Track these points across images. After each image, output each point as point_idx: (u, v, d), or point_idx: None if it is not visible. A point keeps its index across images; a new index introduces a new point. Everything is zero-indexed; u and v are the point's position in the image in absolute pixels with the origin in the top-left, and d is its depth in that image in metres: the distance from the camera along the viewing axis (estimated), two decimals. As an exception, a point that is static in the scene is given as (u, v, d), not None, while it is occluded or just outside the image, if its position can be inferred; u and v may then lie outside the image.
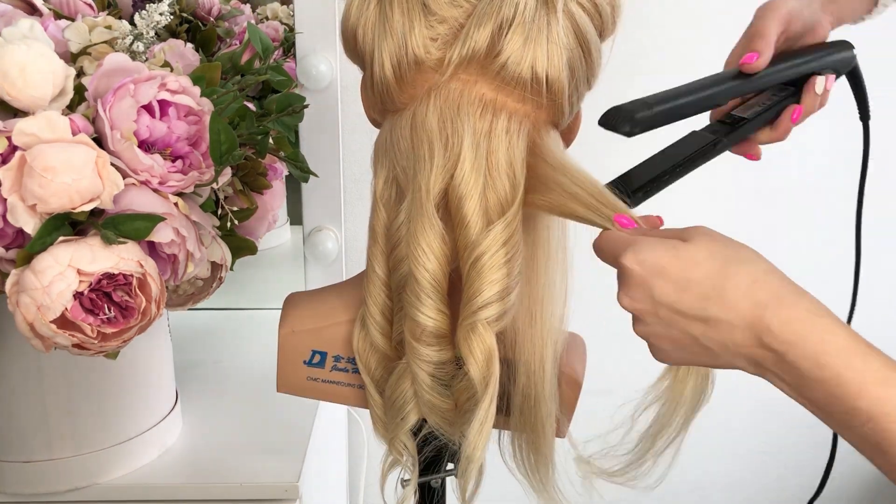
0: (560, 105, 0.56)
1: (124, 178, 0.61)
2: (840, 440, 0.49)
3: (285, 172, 0.85)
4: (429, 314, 0.56)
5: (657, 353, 0.50)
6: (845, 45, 0.70)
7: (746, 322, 0.44)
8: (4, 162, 0.58)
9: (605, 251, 0.52)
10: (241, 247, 0.76)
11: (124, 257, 0.59)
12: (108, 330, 0.60)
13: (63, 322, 0.58)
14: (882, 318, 1.35)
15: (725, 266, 0.46)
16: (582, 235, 0.58)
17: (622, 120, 0.57)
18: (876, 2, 0.70)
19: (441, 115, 0.55)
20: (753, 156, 0.70)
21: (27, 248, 0.57)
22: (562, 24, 0.54)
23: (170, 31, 1.04)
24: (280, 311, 0.69)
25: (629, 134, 0.57)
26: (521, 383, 0.61)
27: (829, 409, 0.42)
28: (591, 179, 0.55)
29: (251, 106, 0.84)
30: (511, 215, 0.54)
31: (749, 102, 0.68)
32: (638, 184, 0.59)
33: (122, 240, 0.59)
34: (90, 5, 0.76)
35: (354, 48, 0.59)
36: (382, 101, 0.58)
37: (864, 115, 0.76)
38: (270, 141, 0.77)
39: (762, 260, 0.47)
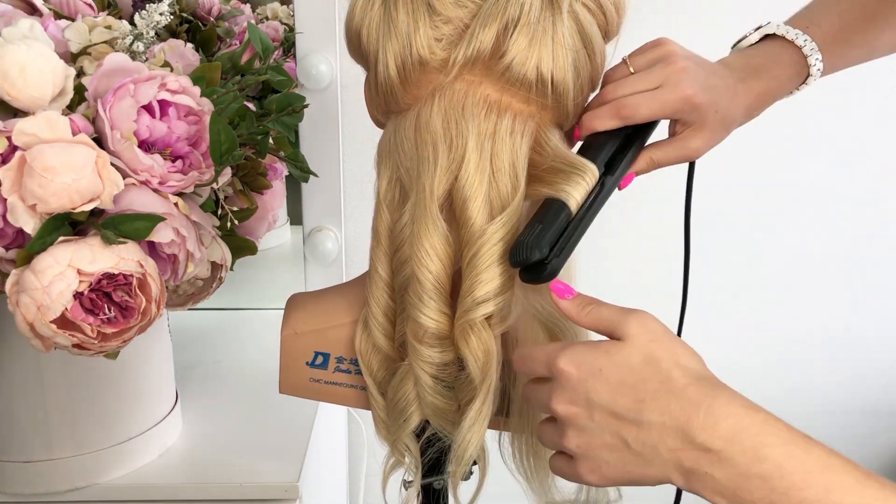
0: (565, 106, 0.56)
1: (124, 178, 0.61)
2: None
3: (285, 172, 0.85)
4: (431, 315, 0.56)
5: (587, 464, 0.49)
6: None
7: (679, 423, 0.44)
8: (4, 162, 0.58)
9: (536, 359, 0.52)
10: (241, 247, 0.76)
11: (124, 257, 0.59)
12: (108, 330, 0.60)
13: (63, 322, 0.58)
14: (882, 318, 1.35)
15: (659, 371, 0.46)
16: (583, 236, 0.58)
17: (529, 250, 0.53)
18: (806, 78, 0.65)
19: (445, 116, 0.55)
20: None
21: (27, 248, 0.57)
22: (567, 25, 0.54)
23: (170, 31, 1.04)
24: (280, 311, 0.69)
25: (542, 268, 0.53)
26: (521, 385, 0.61)
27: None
28: (571, 157, 0.55)
29: (251, 106, 0.83)
30: (508, 213, 0.54)
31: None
32: (547, 250, 0.54)
33: (122, 240, 0.59)
34: (90, 5, 0.76)
35: (358, 48, 0.59)
36: (386, 102, 0.58)
37: None
38: (270, 141, 0.77)
39: (696, 362, 0.47)
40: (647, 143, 0.60)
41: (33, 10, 0.70)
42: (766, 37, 0.64)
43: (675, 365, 0.46)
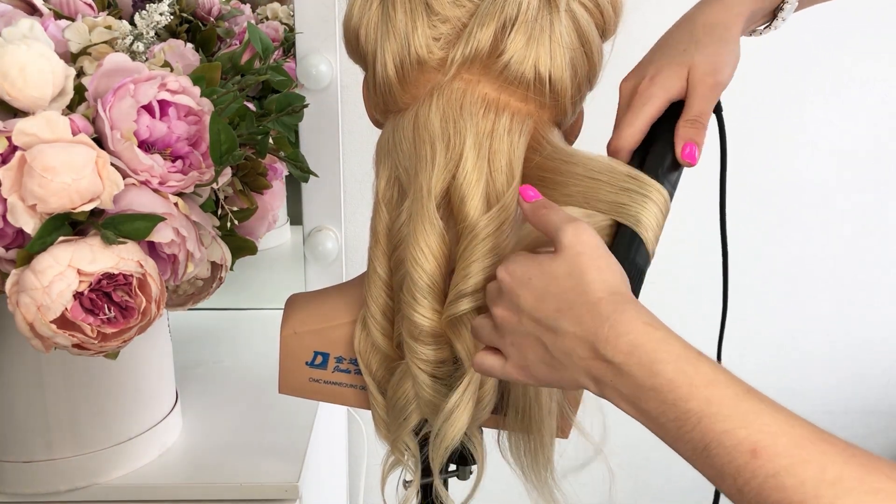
0: (563, 104, 0.56)
1: (124, 178, 0.61)
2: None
3: (285, 172, 0.85)
4: (424, 314, 0.56)
5: (513, 362, 0.51)
6: None
7: (588, 334, 0.46)
8: (4, 162, 0.58)
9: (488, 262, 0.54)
10: (241, 247, 0.76)
11: (124, 257, 0.59)
12: (108, 330, 0.60)
13: (63, 322, 0.58)
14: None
15: (579, 283, 0.47)
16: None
17: None
18: (774, 15, 0.64)
19: (443, 115, 0.55)
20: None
21: (27, 248, 0.57)
22: (564, 24, 0.54)
23: (170, 31, 1.04)
24: (280, 311, 0.69)
25: None
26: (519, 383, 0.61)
27: (662, 418, 0.43)
28: (605, 161, 0.55)
29: (251, 106, 0.83)
30: (499, 207, 0.55)
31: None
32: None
33: (122, 240, 0.59)
34: (90, 5, 0.76)
35: (357, 48, 0.59)
36: (385, 102, 0.58)
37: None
38: (270, 141, 0.77)
39: (616, 277, 0.48)
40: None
41: (33, 10, 0.70)
42: None
43: (596, 279, 0.47)
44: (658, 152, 0.57)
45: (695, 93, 0.57)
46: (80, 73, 0.65)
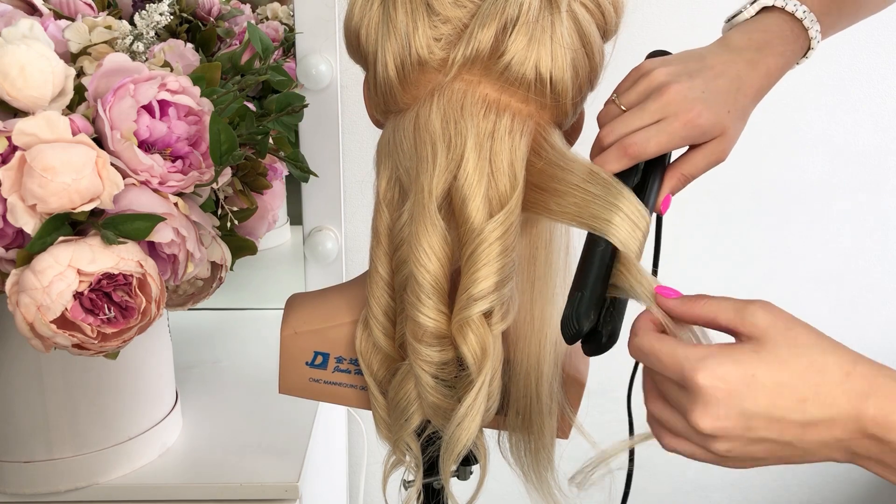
0: (564, 105, 0.56)
1: (124, 178, 0.61)
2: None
3: (285, 172, 0.85)
4: (429, 315, 0.56)
5: (738, 462, 0.47)
6: None
7: (849, 416, 0.43)
8: (4, 162, 0.58)
9: (665, 364, 0.47)
10: (241, 247, 0.76)
11: (124, 257, 0.59)
12: (108, 330, 0.60)
13: (63, 322, 0.58)
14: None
15: (813, 361, 0.44)
16: (582, 232, 0.58)
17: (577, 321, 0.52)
18: (807, 51, 0.63)
19: (444, 116, 0.55)
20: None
21: (27, 248, 0.57)
22: (566, 25, 0.54)
23: (170, 31, 1.04)
24: (280, 311, 0.69)
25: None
26: (520, 383, 0.61)
27: None
28: (602, 176, 0.54)
29: (251, 106, 0.83)
30: (507, 211, 0.54)
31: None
32: (595, 316, 0.53)
33: (122, 240, 0.59)
34: (90, 5, 0.76)
35: (357, 48, 0.59)
36: (385, 102, 0.58)
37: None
38: (270, 141, 0.77)
39: (840, 345, 0.45)
40: (670, 161, 0.59)
41: (33, 10, 0.70)
42: (764, 10, 0.62)
43: (824, 350, 0.44)
44: (648, 187, 0.57)
45: (705, 159, 0.57)
46: (80, 73, 0.65)
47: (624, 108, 0.57)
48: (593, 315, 0.51)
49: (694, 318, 0.48)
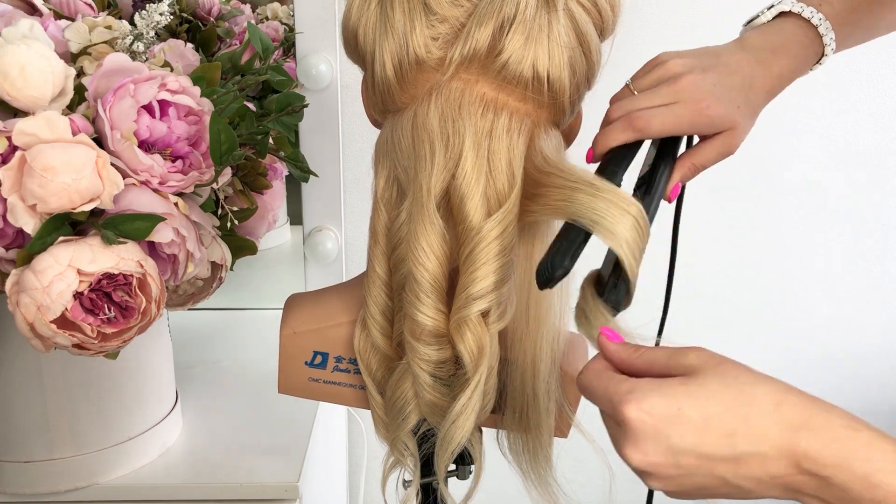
0: (561, 104, 0.56)
1: (124, 178, 0.61)
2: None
3: (285, 172, 0.85)
4: (427, 313, 0.56)
5: (682, 497, 0.46)
6: None
7: (781, 451, 0.41)
8: (4, 162, 0.58)
9: (597, 396, 0.47)
10: (241, 247, 0.76)
11: (124, 257, 0.59)
12: (108, 330, 0.60)
13: (63, 322, 0.58)
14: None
15: (741, 393, 0.42)
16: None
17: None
18: (820, 57, 0.64)
19: (442, 115, 0.55)
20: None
21: (27, 248, 0.57)
22: (563, 24, 0.54)
23: (170, 31, 1.04)
24: (280, 311, 0.69)
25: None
26: (517, 382, 0.61)
27: None
28: (585, 175, 0.53)
29: (251, 106, 0.84)
30: (505, 210, 0.54)
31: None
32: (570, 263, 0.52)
33: (122, 240, 0.59)
34: (90, 5, 0.76)
35: (355, 48, 0.59)
36: (383, 101, 0.58)
37: None
38: (270, 141, 0.77)
39: (772, 378, 0.44)
40: (681, 152, 0.59)
41: (33, 10, 0.70)
42: (781, 14, 0.63)
43: (753, 381, 0.43)
44: (657, 175, 0.57)
45: (715, 150, 0.58)
46: (80, 73, 0.65)
47: (636, 92, 0.58)
48: (568, 261, 0.50)
49: (632, 369, 0.47)
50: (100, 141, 0.61)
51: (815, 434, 0.41)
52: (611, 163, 0.56)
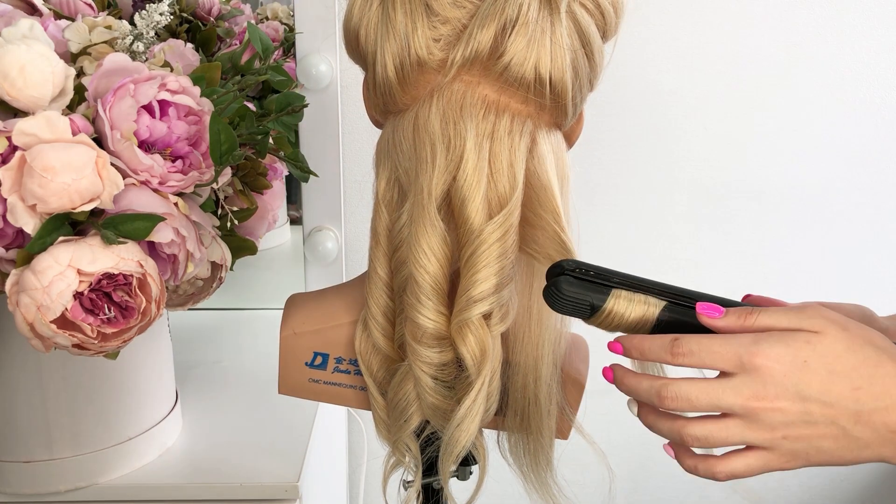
0: (563, 106, 0.56)
1: (124, 178, 0.61)
2: None
3: (285, 172, 0.85)
4: (429, 316, 0.56)
5: (785, 455, 0.47)
6: None
7: None
8: (4, 162, 0.58)
9: (716, 353, 0.47)
10: (241, 247, 0.76)
11: (124, 257, 0.59)
12: (108, 330, 0.60)
13: (63, 322, 0.58)
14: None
15: (867, 355, 0.45)
16: (584, 233, 0.58)
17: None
18: None
19: (443, 116, 0.55)
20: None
21: (27, 248, 0.57)
22: (565, 26, 0.54)
23: (170, 31, 1.04)
24: (280, 311, 0.69)
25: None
26: (518, 384, 0.61)
27: None
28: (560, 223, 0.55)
29: (251, 106, 0.83)
30: (506, 213, 0.54)
31: None
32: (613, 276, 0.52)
33: (122, 240, 0.59)
34: (90, 5, 0.76)
35: (356, 49, 0.59)
36: (384, 102, 0.58)
37: None
38: (270, 141, 0.77)
39: (888, 340, 0.46)
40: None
41: (33, 10, 0.70)
42: None
43: (877, 347, 0.45)
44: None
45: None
46: (80, 73, 0.65)
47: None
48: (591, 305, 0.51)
49: (751, 329, 0.48)
50: (100, 141, 0.61)
51: None
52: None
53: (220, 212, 0.73)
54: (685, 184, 1.23)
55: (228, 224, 0.74)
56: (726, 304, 0.51)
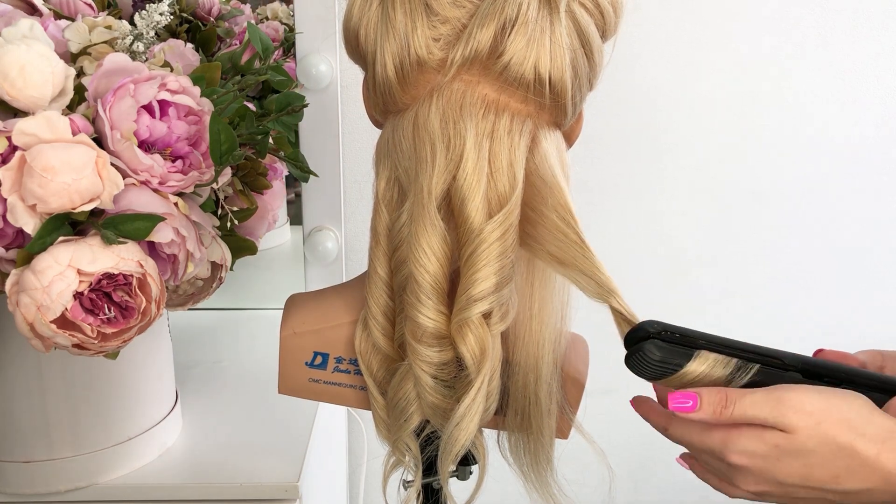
0: (563, 106, 0.56)
1: (124, 178, 0.61)
2: None
3: (285, 172, 0.85)
4: (429, 315, 0.56)
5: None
6: None
7: (886, 486, 0.46)
8: (4, 162, 0.58)
9: (698, 447, 0.52)
10: (241, 247, 0.76)
11: (124, 257, 0.59)
12: (108, 330, 0.60)
13: (63, 322, 0.58)
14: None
15: (841, 448, 0.47)
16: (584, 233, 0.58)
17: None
18: None
19: (443, 116, 0.55)
20: None
21: (27, 248, 0.57)
22: (564, 25, 0.54)
23: (170, 31, 1.04)
24: (280, 311, 0.69)
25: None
26: (518, 383, 0.61)
27: None
28: (576, 228, 0.55)
29: (251, 106, 0.83)
30: (506, 212, 0.54)
31: None
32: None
33: (122, 240, 0.59)
34: (90, 5, 0.76)
35: (356, 48, 0.59)
36: (384, 102, 0.58)
37: None
38: (270, 141, 0.77)
39: (867, 416, 0.47)
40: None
41: (33, 10, 0.70)
42: None
43: (854, 435, 0.47)
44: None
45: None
46: (80, 73, 0.65)
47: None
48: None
49: (729, 421, 0.50)
50: (100, 141, 0.61)
51: None
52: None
53: (220, 212, 0.73)
54: (685, 183, 1.23)
55: (228, 224, 0.74)
56: (797, 360, 0.51)
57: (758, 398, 0.49)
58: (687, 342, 0.51)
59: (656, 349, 0.51)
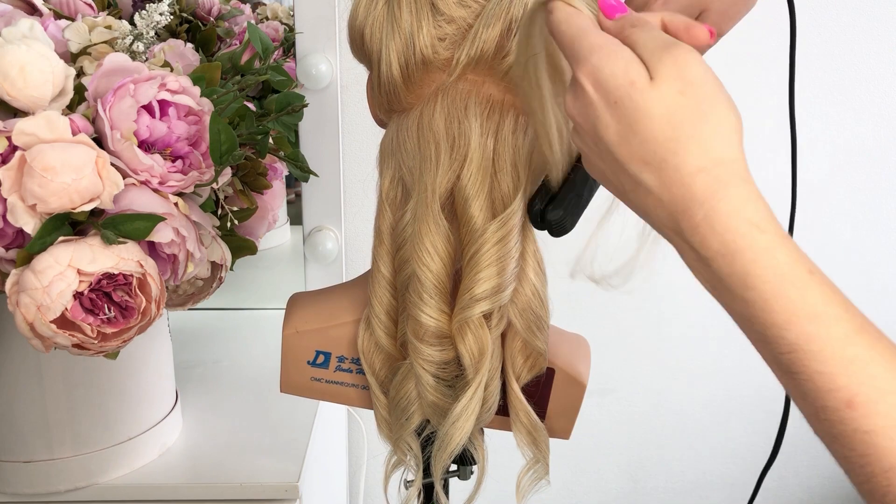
0: None
1: (124, 178, 0.61)
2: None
3: (285, 172, 0.85)
4: (431, 314, 0.56)
5: (584, 160, 0.44)
6: None
7: (674, 210, 0.39)
8: (4, 162, 0.58)
9: (566, 38, 0.42)
10: (241, 247, 0.76)
11: (124, 257, 0.59)
12: (108, 330, 0.60)
13: (63, 322, 0.58)
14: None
15: (675, 138, 0.38)
16: (585, 234, 0.58)
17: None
18: None
19: (448, 116, 0.55)
20: None
21: (27, 248, 0.57)
22: None
23: (170, 31, 1.04)
24: (281, 311, 0.69)
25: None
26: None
27: (749, 322, 0.38)
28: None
29: (251, 106, 0.83)
30: (510, 212, 0.54)
31: None
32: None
33: (122, 240, 0.59)
34: (90, 5, 0.76)
35: (361, 48, 0.59)
36: (389, 101, 0.58)
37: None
38: (270, 141, 0.77)
39: (727, 142, 0.39)
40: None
41: (33, 10, 0.70)
42: None
43: (696, 138, 0.38)
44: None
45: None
46: (80, 73, 0.65)
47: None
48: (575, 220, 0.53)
49: (623, 40, 0.42)
50: (100, 141, 0.61)
51: (711, 216, 0.38)
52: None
53: (220, 212, 0.73)
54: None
55: (228, 224, 0.74)
56: None
57: (655, 36, 0.41)
58: (564, 194, 0.53)
59: (556, 216, 0.53)
